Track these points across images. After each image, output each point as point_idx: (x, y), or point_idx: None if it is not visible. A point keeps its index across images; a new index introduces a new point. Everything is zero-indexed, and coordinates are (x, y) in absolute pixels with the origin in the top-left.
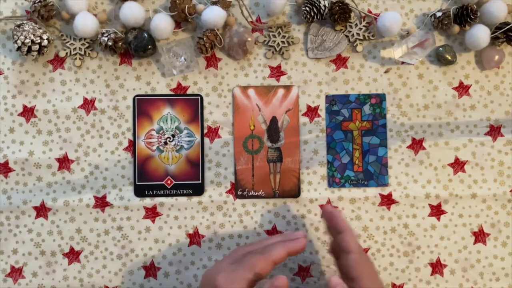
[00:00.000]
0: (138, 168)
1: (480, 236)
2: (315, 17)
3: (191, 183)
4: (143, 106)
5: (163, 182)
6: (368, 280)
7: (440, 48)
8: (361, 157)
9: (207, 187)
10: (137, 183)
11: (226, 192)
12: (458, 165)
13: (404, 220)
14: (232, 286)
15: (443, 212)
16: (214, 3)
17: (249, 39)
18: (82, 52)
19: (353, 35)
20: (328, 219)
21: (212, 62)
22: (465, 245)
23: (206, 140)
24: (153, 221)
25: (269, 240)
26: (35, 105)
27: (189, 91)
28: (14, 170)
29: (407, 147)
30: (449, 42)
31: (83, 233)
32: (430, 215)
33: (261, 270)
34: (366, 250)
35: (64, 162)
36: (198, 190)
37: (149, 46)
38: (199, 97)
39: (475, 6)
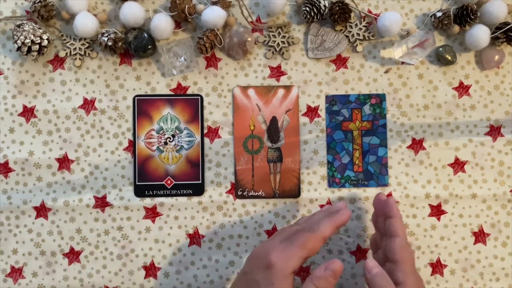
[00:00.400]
0: (138, 168)
1: (480, 236)
2: (315, 17)
3: (191, 183)
4: (143, 106)
5: (163, 182)
6: (408, 265)
7: (440, 48)
8: (361, 157)
9: (207, 187)
10: (137, 183)
11: (226, 192)
12: (458, 165)
13: (404, 220)
14: (287, 263)
15: (443, 212)
16: (214, 3)
17: (249, 39)
18: (82, 52)
19: (353, 35)
20: (381, 205)
21: (212, 62)
22: (465, 245)
23: (206, 140)
24: (153, 221)
25: (314, 216)
26: (35, 105)
27: (189, 91)
28: (14, 170)
29: (407, 147)
30: (449, 42)
31: (83, 233)
32: (430, 215)
33: (313, 247)
34: (366, 251)
35: (64, 162)
36: (198, 190)
37: (149, 46)
38: (199, 97)
39: (475, 6)
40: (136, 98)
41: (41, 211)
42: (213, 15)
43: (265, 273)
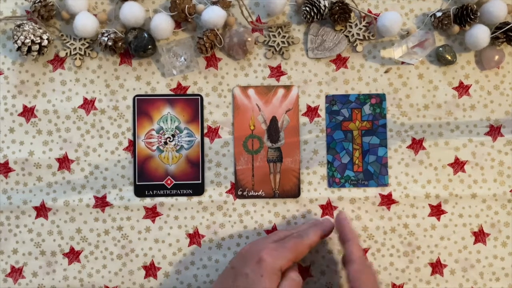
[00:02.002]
0: (138, 168)
1: (480, 236)
2: (315, 17)
3: (191, 183)
4: (143, 106)
5: (163, 182)
6: None
7: (440, 48)
8: (361, 157)
9: (207, 187)
10: (137, 183)
11: (226, 192)
12: (458, 165)
13: (404, 220)
14: (276, 260)
15: (443, 212)
16: (214, 3)
17: (249, 39)
18: (82, 52)
19: (353, 35)
20: (338, 226)
21: (212, 62)
22: (465, 245)
23: (206, 140)
24: (153, 221)
25: (302, 225)
26: (35, 105)
27: (189, 91)
28: (14, 170)
29: (407, 147)
30: (449, 42)
31: (83, 233)
32: (430, 215)
33: (301, 252)
34: (366, 250)
35: (64, 162)
36: (198, 190)
37: (149, 46)
38: (199, 97)
39: (475, 6)
40: (136, 98)
41: (41, 211)
42: (213, 15)
43: (255, 266)
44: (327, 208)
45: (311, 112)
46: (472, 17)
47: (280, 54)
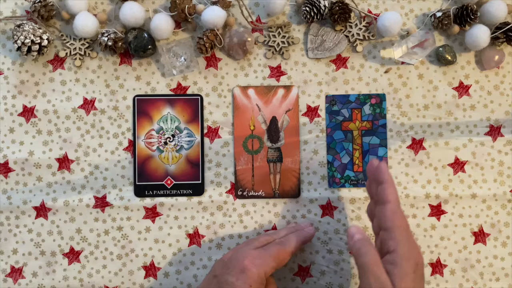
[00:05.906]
0: (138, 168)
1: (480, 236)
2: (315, 17)
3: (191, 183)
4: (143, 106)
5: (163, 182)
6: (401, 232)
7: (440, 48)
8: (361, 157)
9: (207, 187)
10: (137, 183)
11: (226, 192)
12: (458, 165)
13: None
14: (261, 268)
15: (443, 212)
16: (214, 3)
17: (249, 39)
18: (82, 52)
19: (353, 35)
20: (373, 171)
21: (212, 62)
22: (465, 245)
23: (206, 140)
24: (153, 221)
25: (282, 231)
26: (35, 105)
27: (189, 91)
28: (14, 170)
29: (407, 147)
30: (449, 42)
31: (83, 233)
32: (430, 215)
33: (282, 259)
34: None
35: (64, 162)
36: (198, 190)
37: (149, 46)
38: (199, 97)
39: (475, 6)
40: (136, 98)
41: (41, 211)
42: (213, 15)
43: (240, 276)
44: (327, 208)
45: (311, 112)
46: (472, 17)
47: (280, 54)
